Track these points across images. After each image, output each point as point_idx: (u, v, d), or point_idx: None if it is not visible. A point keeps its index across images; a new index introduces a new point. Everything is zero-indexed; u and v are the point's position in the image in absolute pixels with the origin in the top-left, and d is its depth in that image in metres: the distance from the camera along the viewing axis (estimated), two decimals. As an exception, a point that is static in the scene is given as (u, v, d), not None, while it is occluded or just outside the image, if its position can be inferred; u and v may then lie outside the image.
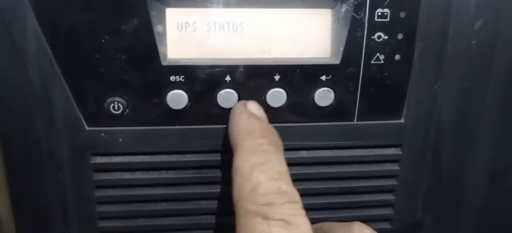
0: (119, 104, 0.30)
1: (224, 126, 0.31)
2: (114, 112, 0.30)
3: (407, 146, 0.34)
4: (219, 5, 0.29)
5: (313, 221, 0.31)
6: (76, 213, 0.33)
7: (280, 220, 0.24)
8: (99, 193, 0.33)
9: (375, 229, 0.30)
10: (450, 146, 0.34)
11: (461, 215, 0.37)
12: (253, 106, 0.30)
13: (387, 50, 0.31)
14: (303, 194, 0.33)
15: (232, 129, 0.29)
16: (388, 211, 0.36)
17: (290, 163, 0.33)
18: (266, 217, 0.24)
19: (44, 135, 0.31)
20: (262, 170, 0.25)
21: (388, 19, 0.30)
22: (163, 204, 0.33)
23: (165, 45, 0.30)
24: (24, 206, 0.33)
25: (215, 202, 0.34)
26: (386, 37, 0.31)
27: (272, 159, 0.26)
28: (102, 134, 0.31)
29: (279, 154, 0.27)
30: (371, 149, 0.34)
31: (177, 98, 0.30)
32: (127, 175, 0.32)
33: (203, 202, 0.34)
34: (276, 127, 0.31)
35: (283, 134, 0.32)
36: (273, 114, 0.31)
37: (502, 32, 0.32)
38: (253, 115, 0.29)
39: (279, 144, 0.28)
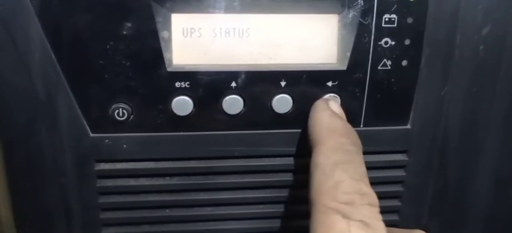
0: (124, 111, 0.30)
1: (230, 132, 0.31)
2: (118, 118, 0.30)
3: (414, 152, 0.34)
4: (224, 10, 0.29)
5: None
6: (80, 220, 0.33)
7: (359, 221, 0.24)
8: (103, 199, 0.32)
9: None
10: (457, 152, 0.34)
11: (467, 221, 0.36)
12: (335, 105, 0.30)
13: (394, 56, 0.31)
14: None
15: (313, 124, 0.29)
16: (394, 217, 0.35)
17: (296, 170, 0.33)
18: (346, 216, 0.24)
19: (48, 141, 0.30)
20: (345, 169, 0.26)
21: (395, 25, 0.30)
22: (167, 210, 0.33)
23: (170, 51, 0.29)
24: (27, 212, 0.32)
25: (220, 208, 0.33)
26: (393, 43, 0.30)
27: (354, 159, 0.27)
28: (106, 141, 0.31)
29: (360, 156, 0.27)
30: (377, 155, 0.33)
31: (182, 104, 0.30)
32: (131, 182, 0.32)
33: (208, 209, 0.33)
34: (282, 134, 0.31)
35: (289, 140, 0.32)
36: (278, 120, 0.31)
37: (509, 37, 0.32)
38: (335, 114, 0.29)
39: (360, 146, 0.28)
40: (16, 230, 0.33)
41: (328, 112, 0.29)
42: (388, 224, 0.35)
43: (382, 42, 0.30)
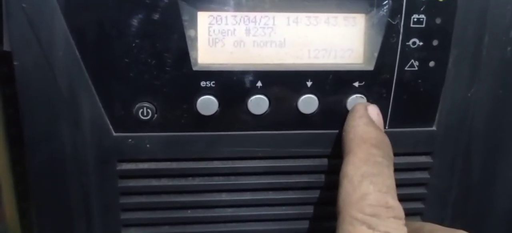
0: (148, 110, 0.29)
1: (254, 132, 0.31)
2: (142, 117, 0.29)
3: (438, 154, 0.33)
4: (251, 9, 0.29)
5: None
6: (100, 220, 0.32)
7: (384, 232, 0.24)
8: (124, 200, 0.32)
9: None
10: (481, 155, 0.34)
11: (490, 224, 0.36)
12: (373, 112, 0.30)
13: (421, 57, 0.30)
14: (332, 202, 0.33)
15: (347, 131, 0.29)
16: (417, 220, 0.35)
17: (319, 171, 0.32)
18: (371, 227, 0.25)
19: (70, 140, 0.30)
20: (373, 181, 0.26)
21: (423, 25, 0.29)
22: (189, 211, 0.33)
23: (196, 49, 0.29)
24: (48, 212, 0.32)
25: (243, 210, 0.33)
26: (421, 43, 0.30)
27: (383, 172, 0.27)
28: (129, 140, 0.30)
29: (390, 168, 0.27)
30: (402, 157, 0.33)
31: (207, 104, 0.30)
32: (153, 182, 0.32)
33: (230, 210, 0.33)
34: (307, 134, 0.31)
35: (314, 141, 0.31)
36: (304, 121, 0.31)
37: (538, 39, 0.31)
38: (371, 122, 0.29)
39: (391, 157, 0.28)
40: (38, 229, 0.32)
41: (363, 120, 0.29)
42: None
43: (410, 42, 0.30)
